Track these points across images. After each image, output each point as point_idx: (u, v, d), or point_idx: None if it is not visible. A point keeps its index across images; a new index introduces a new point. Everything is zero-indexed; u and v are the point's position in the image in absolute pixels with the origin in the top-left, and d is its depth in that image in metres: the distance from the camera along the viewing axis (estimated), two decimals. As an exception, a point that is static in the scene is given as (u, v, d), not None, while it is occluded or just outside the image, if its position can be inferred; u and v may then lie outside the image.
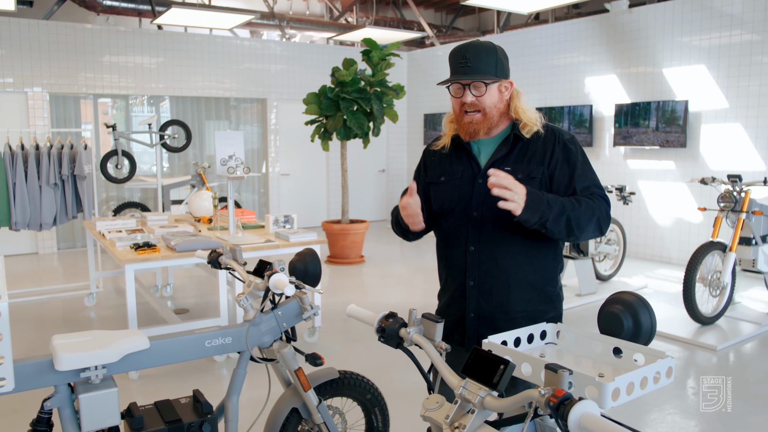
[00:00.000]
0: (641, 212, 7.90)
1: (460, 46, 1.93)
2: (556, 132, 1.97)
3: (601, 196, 1.90)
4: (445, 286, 2.09)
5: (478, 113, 1.92)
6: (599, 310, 1.64)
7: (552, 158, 1.92)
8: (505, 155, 1.95)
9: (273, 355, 2.31)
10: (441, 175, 2.06)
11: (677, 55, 7.35)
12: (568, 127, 8.55)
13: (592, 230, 1.86)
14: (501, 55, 1.94)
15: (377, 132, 7.66)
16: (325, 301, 5.97)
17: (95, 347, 1.96)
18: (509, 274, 1.93)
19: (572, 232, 1.82)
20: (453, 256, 2.02)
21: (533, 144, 1.95)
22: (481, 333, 1.96)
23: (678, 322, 5.13)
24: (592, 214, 1.83)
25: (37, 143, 5.75)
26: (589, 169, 1.94)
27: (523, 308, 1.94)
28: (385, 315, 1.52)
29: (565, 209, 1.79)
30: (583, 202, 1.83)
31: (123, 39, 8.81)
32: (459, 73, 1.91)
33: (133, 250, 4.07)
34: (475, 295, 1.96)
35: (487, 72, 1.90)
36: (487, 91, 1.91)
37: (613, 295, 1.63)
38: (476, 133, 1.94)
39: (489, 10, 12.32)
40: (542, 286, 1.97)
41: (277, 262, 2.16)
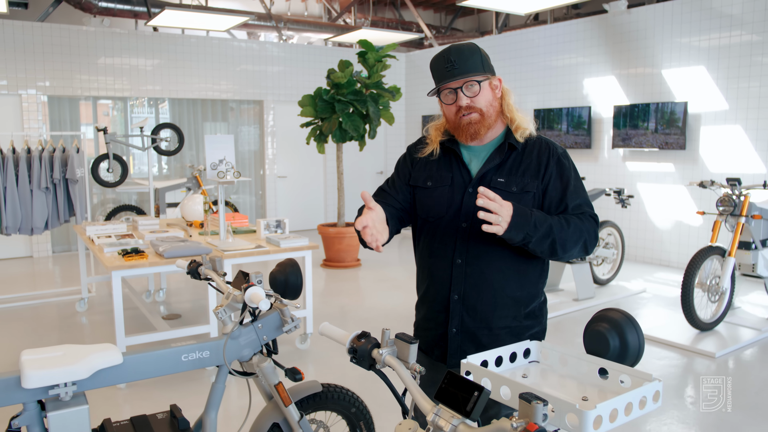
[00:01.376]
0: (640, 215, 7.82)
1: (441, 52, 1.86)
2: (550, 145, 1.90)
3: (591, 215, 1.85)
4: (425, 298, 2.01)
5: (475, 113, 1.84)
6: (585, 328, 1.56)
7: (546, 172, 1.85)
8: (498, 165, 1.87)
9: (253, 369, 2.23)
10: (427, 180, 1.96)
11: (676, 56, 7.27)
12: (567, 129, 8.47)
13: (577, 251, 1.81)
14: (484, 54, 1.87)
15: (373, 134, 7.59)
16: (319, 305, 5.90)
17: (65, 363, 1.89)
18: (496, 288, 1.85)
19: (555, 252, 1.77)
20: (437, 267, 1.93)
21: (527, 155, 1.87)
22: (464, 348, 1.89)
23: (676, 327, 5.05)
24: (579, 236, 1.78)
25: (29, 146, 5.69)
26: (580, 186, 1.89)
27: (507, 324, 1.87)
28: (357, 335, 1.45)
29: (552, 231, 1.73)
30: (573, 222, 1.78)
31: (119, 41, 8.75)
32: (447, 77, 1.82)
33: (120, 257, 4.00)
34: (459, 309, 1.88)
35: (475, 70, 1.82)
36: (481, 89, 1.83)
37: (599, 312, 1.55)
38: (477, 133, 1.86)
39: (488, 11, 12.24)
40: (528, 302, 1.90)
41: (254, 274, 2.09)
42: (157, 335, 4.14)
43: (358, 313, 5.75)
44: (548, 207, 1.84)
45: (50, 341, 4.91)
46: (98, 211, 8.98)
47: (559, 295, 6.07)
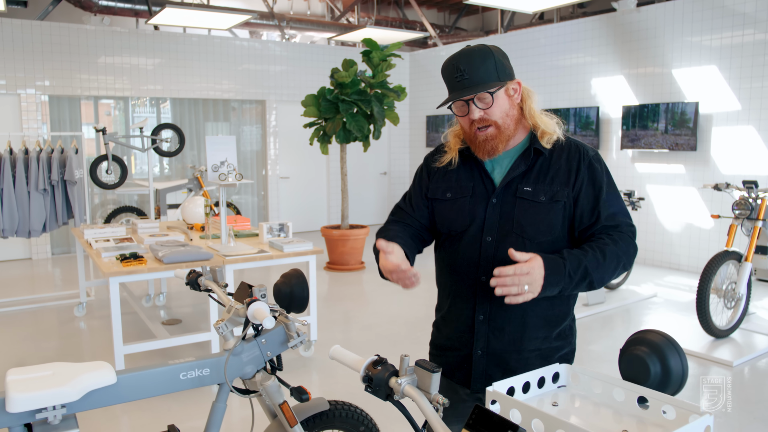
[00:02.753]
0: (650, 217, 7.67)
1: (451, 59, 1.69)
2: (580, 148, 1.73)
3: (628, 225, 1.70)
4: (448, 317, 1.85)
5: (490, 127, 1.68)
6: (621, 351, 1.43)
7: (577, 179, 1.69)
8: (523, 173, 1.71)
9: (256, 387, 2.10)
10: (446, 191, 1.81)
11: (687, 56, 7.12)
12: (574, 129, 8.33)
13: (616, 276, 1.68)
14: (498, 56, 1.69)
15: (377, 135, 7.45)
16: (323, 310, 5.76)
17: (54, 384, 1.75)
18: (525, 308, 1.69)
19: (591, 287, 1.64)
20: (460, 285, 1.78)
21: (555, 161, 1.71)
22: (490, 372, 1.74)
23: (690, 334, 4.91)
24: (617, 263, 1.63)
25: (26, 147, 5.57)
26: (614, 193, 1.72)
27: (537, 346, 1.73)
28: (373, 361, 1.31)
29: (588, 272, 1.59)
30: (608, 251, 1.61)
31: (119, 40, 8.63)
32: (457, 89, 1.67)
33: (119, 262, 3.87)
34: (485, 330, 1.73)
35: (488, 79, 1.65)
36: (495, 100, 1.66)
37: (636, 334, 1.42)
38: (495, 150, 1.70)
39: (492, 10, 12.10)
40: (559, 321, 1.75)
41: (257, 288, 1.95)
42: (157, 343, 4.00)
43: (362, 318, 5.62)
44: (580, 217, 1.69)
45: (48, 347, 4.78)
46: (98, 212, 8.85)
47: (568, 299, 5.93)
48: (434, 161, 1.88)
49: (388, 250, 1.63)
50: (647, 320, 5.52)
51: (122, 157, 9.06)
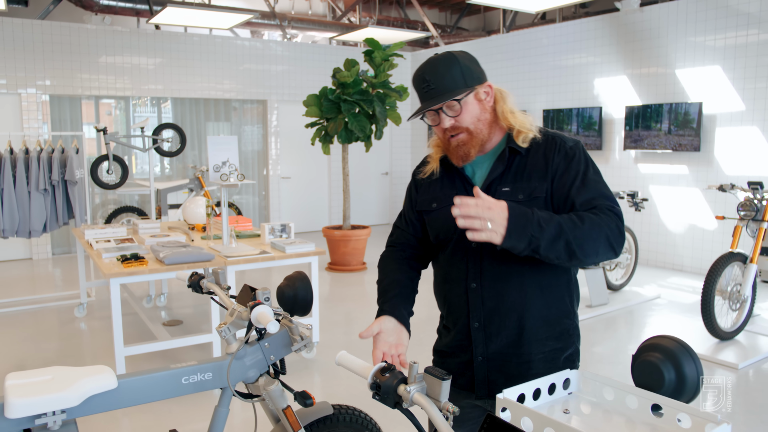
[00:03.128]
0: (652, 218, 7.64)
1: (418, 70, 1.69)
2: (557, 139, 1.68)
3: (610, 208, 1.57)
4: (446, 326, 1.84)
5: (462, 134, 1.66)
6: (633, 358, 1.40)
7: (552, 169, 1.64)
8: (502, 173, 1.68)
9: (259, 391, 2.07)
10: (432, 201, 1.80)
11: (691, 56, 7.09)
12: (577, 129, 8.30)
13: (602, 252, 1.52)
14: (465, 61, 1.66)
15: (380, 135, 7.42)
16: (324, 311, 5.73)
17: (53, 389, 1.72)
18: (519, 311, 1.67)
19: (574, 255, 1.48)
20: (452, 293, 1.77)
21: (533, 156, 1.67)
22: (492, 378, 1.72)
23: (694, 336, 4.87)
24: (599, 233, 1.49)
25: (27, 147, 5.54)
26: (593, 179, 1.63)
27: (538, 348, 1.69)
28: (381, 368, 1.28)
29: (563, 230, 1.46)
30: (587, 218, 1.51)
31: (120, 39, 8.60)
32: (425, 99, 1.66)
33: (119, 263, 3.84)
34: (482, 337, 1.71)
35: (454, 87, 1.62)
36: (463, 107, 1.64)
37: (649, 340, 1.38)
38: (468, 155, 1.68)
39: (494, 10, 12.07)
40: (558, 321, 1.71)
41: (260, 291, 1.92)
42: (158, 345, 3.97)
43: (364, 319, 5.59)
44: (557, 207, 1.63)
45: (48, 348, 4.75)
46: (99, 212, 8.82)
47: (571, 301, 5.89)
48: (419, 174, 1.89)
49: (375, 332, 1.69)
50: (651, 322, 5.49)
51: (123, 157, 9.06)
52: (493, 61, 9.58)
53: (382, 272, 1.89)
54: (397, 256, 1.90)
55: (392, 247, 1.94)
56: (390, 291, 1.80)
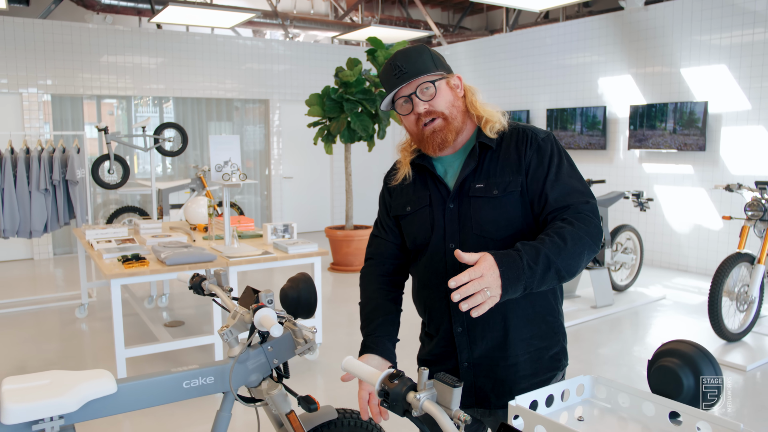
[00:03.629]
0: (657, 218, 7.58)
1: (387, 61, 1.66)
2: (528, 132, 1.64)
3: (585, 203, 1.53)
4: (428, 332, 1.79)
5: (437, 120, 1.61)
6: (649, 363, 1.35)
7: (525, 163, 1.59)
8: (474, 170, 1.63)
9: (262, 395, 2.02)
10: (406, 205, 1.75)
11: (696, 55, 7.03)
12: (581, 129, 8.24)
13: (586, 262, 1.49)
14: (434, 53, 1.66)
15: (382, 134, 7.37)
16: (327, 312, 5.69)
17: (51, 394, 1.68)
18: (503, 312, 1.60)
19: (563, 278, 1.45)
20: (432, 299, 1.71)
21: (504, 150, 1.63)
22: (479, 384, 1.67)
23: (701, 338, 4.82)
24: (582, 246, 1.45)
25: (28, 147, 5.50)
26: (566, 173, 1.58)
27: (524, 349, 1.64)
28: (389, 374, 1.23)
29: (551, 261, 1.40)
30: (568, 235, 1.44)
31: (122, 38, 8.56)
32: (397, 84, 1.61)
33: (120, 263, 3.79)
34: (466, 342, 1.65)
35: (426, 70, 1.60)
36: (437, 90, 1.61)
37: (666, 345, 1.34)
38: (445, 141, 1.62)
39: (497, 9, 12.02)
40: (542, 319, 1.66)
41: (264, 293, 1.87)
42: (159, 346, 3.93)
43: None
44: (531, 203, 1.59)
45: (49, 350, 4.72)
46: (101, 212, 8.79)
47: (576, 302, 5.84)
48: (391, 179, 1.85)
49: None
50: (657, 323, 5.44)
51: (125, 157, 9.02)
52: (496, 60, 9.53)
53: (363, 295, 1.85)
54: (378, 272, 1.84)
55: (371, 260, 1.88)
56: (373, 320, 1.76)
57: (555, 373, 1.69)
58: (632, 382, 4.11)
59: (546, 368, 1.67)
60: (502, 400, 1.66)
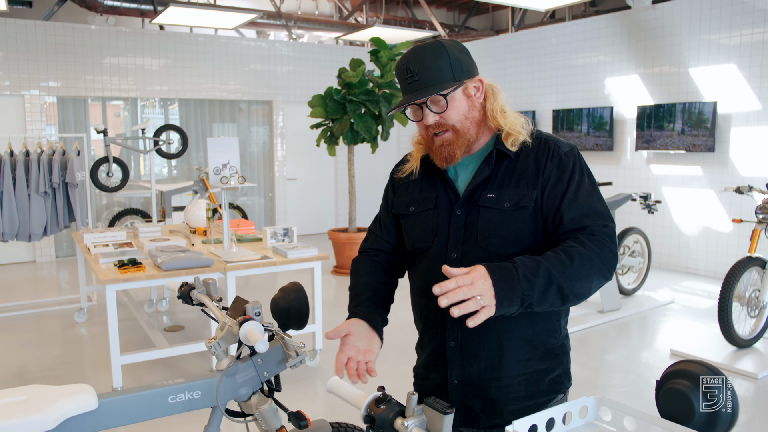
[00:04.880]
0: (665, 220, 7.46)
1: (401, 59, 1.52)
2: (551, 143, 1.52)
3: (602, 227, 1.42)
4: (422, 343, 1.70)
5: (447, 132, 1.51)
6: (658, 385, 1.25)
7: (543, 177, 1.48)
8: (487, 178, 1.52)
9: (251, 410, 1.94)
10: (409, 204, 1.65)
11: (705, 54, 6.91)
12: (587, 130, 8.13)
13: (595, 287, 1.38)
14: (454, 52, 1.50)
15: (386, 136, 7.29)
16: (330, 317, 5.60)
17: (28, 411, 1.60)
18: (500, 331, 1.51)
19: (568, 299, 1.34)
20: (429, 308, 1.61)
21: (523, 161, 1.51)
22: (468, 404, 1.57)
23: (711, 344, 4.71)
24: (591, 269, 1.34)
25: (27, 149, 5.45)
26: (587, 193, 1.47)
27: (520, 371, 1.54)
28: (376, 398, 1.15)
29: (552, 275, 1.30)
30: (576, 255, 1.34)
31: (124, 40, 8.52)
32: (408, 92, 1.50)
33: (116, 268, 3.73)
34: (458, 358, 1.55)
35: (440, 80, 1.47)
36: (449, 103, 1.48)
37: (676, 365, 1.24)
38: (453, 156, 1.52)
39: (503, 9, 11.91)
40: (542, 340, 1.55)
41: (251, 305, 1.79)
42: (156, 353, 3.86)
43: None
44: (544, 221, 1.48)
45: (47, 355, 4.66)
46: (104, 215, 8.74)
47: (582, 306, 5.74)
48: (397, 172, 1.74)
49: (343, 333, 1.54)
50: (665, 328, 5.32)
51: (129, 159, 8.98)
52: (502, 60, 9.44)
53: (354, 278, 1.74)
54: (370, 260, 1.75)
55: (365, 252, 1.79)
56: (362, 294, 1.65)
57: (553, 396, 1.59)
58: (640, 390, 4.00)
59: (544, 391, 1.57)
60: (492, 421, 1.57)
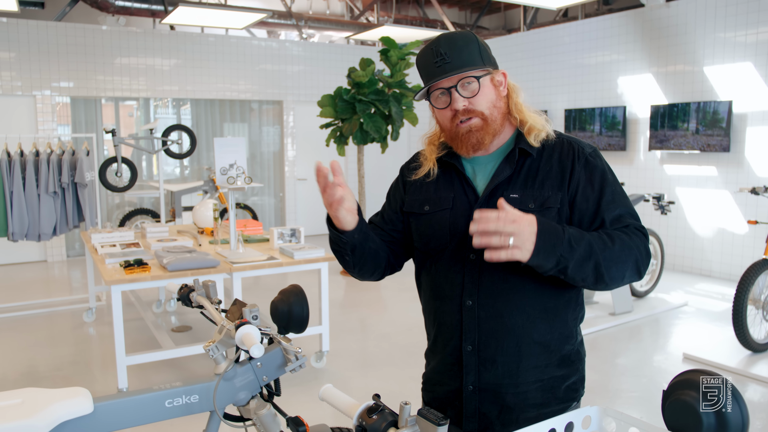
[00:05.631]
0: (679, 221, 7.36)
1: (429, 45, 1.48)
2: (574, 145, 1.51)
3: (638, 228, 1.45)
4: (434, 348, 1.64)
5: (475, 119, 1.47)
6: (664, 395, 1.20)
7: (572, 180, 1.47)
8: (509, 177, 1.49)
9: (250, 414, 1.90)
10: (424, 204, 1.59)
11: (720, 52, 6.80)
12: (600, 130, 8.03)
13: (628, 276, 1.41)
14: (482, 43, 1.50)
15: (396, 136, 7.25)
16: (338, 318, 5.58)
17: (21, 415, 1.57)
18: (519, 335, 1.48)
19: (601, 279, 1.37)
20: (443, 311, 1.56)
21: (546, 161, 1.50)
22: (483, 410, 1.52)
23: (725, 348, 4.62)
24: (629, 256, 1.38)
25: (37, 149, 5.47)
26: (619, 193, 1.49)
27: (537, 377, 1.50)
28: (369, 407, 1.11)
29: (594, 250, 1.34)
30: (618, 238, 1.39)
31: (135, 40, 8.54)
32: (437, 74, 1.45)
33: (122, 269, 3.72)
34: (475, 363, 1.51)
35: (472, 63, 1.44)
36: (481, 87, 1.46)
37: (682, 375, 1.19)
38: (481, 143, 1.48)
39: (515, 8, 11.82)
40: (561, 346, 1.52)
41: (248, 309, 1.76)
42: (162, 354, 3.84)
43: (378, 327, 5.42)
44: (578, 223, 1.47)
45: (55, 355, 4.66)
46: (115, 214, 8.77)
47: (594, 308, 5.66)
48: (410, 173, 1.69)
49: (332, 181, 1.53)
50: (678, 331, 5.24)
51: (141, 160, 9.01)
52: (514, 60, 9.36)
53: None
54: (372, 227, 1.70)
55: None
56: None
57: (569, 404, 1.55)
58: (651, 395, 3.93)
59: (560, 399, 1.54)
60: (507, 428, 1.53)
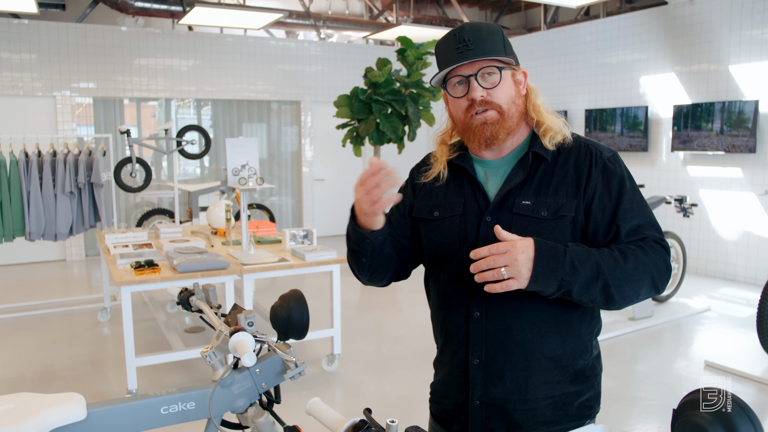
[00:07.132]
0: (702, 224, 7.18)
1: (452, 31, 1.41)
2: (592, 149, 1.42)
3: (657, 240, 1.35)
4: (442, 359, 1.57)
5: (492, 111, 1.39)
6: (674, 414, 1.12)
7: (588, 187, 1.38)
8: (522, 183, 1.41)
9: (248, 422, 1.86)
10: (434, 209, 1.52)
11: (746, 50, 6.62)
12: (621, 130, 7.88)
13: (644, 294, 1.32)
14: (506, 38, 1.44)
15: (413, 136, 7.18)
16: (351, 320, 5.53)
17: (12, 421, 1.55)
18: (529, 349, 1.40)
19: (611, 299, 1.29)
20: (450, 321, 1.49)
21: (561, 166, 1.41)
22: (490, 427, 1.45)
23: (748, 355, 4.48)
24: (644, 273, 1.29)
25: (54, 149, 5.51)
26: (639, 201, 1.39)
27: (547, 393, 1.42)
28: (355, 423, 1.05)
29: (602, 270, 1.26)
30: (631, 255, 1.29)
31: (153, 41, 8.59)
32: (458, 59, 1.37)
33: (132, 270, 3.70)
34: (481, 377, 1.44)
35: (495, 52, 1.38)
36: (501, 80, 1.39)
37: (693, 394, 1.11)
38: (495, 137, 1.40)
39: (536, 7, 11.68)
40: (574, 360, 1.44)
41: (244, 314, 1.71)
42: (171, 355, 3.82)
43: (393, 329, 5.36)
44: (593, 233, 1.38)
45: (70, 354, 4.68)
46: (132, 214, 8.83)
47: (612, 313, 5.53)
48: (420, 175, 1.61)
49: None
50: (700, 337, 5.09)
51: (160, 160, 9.06)
52: (534, 59, 9.23)
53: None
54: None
55: None
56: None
57: (582, 422, 1.47)
58: (671, 404, 3.81)
59: (572, 416, 1.45)
60: None
